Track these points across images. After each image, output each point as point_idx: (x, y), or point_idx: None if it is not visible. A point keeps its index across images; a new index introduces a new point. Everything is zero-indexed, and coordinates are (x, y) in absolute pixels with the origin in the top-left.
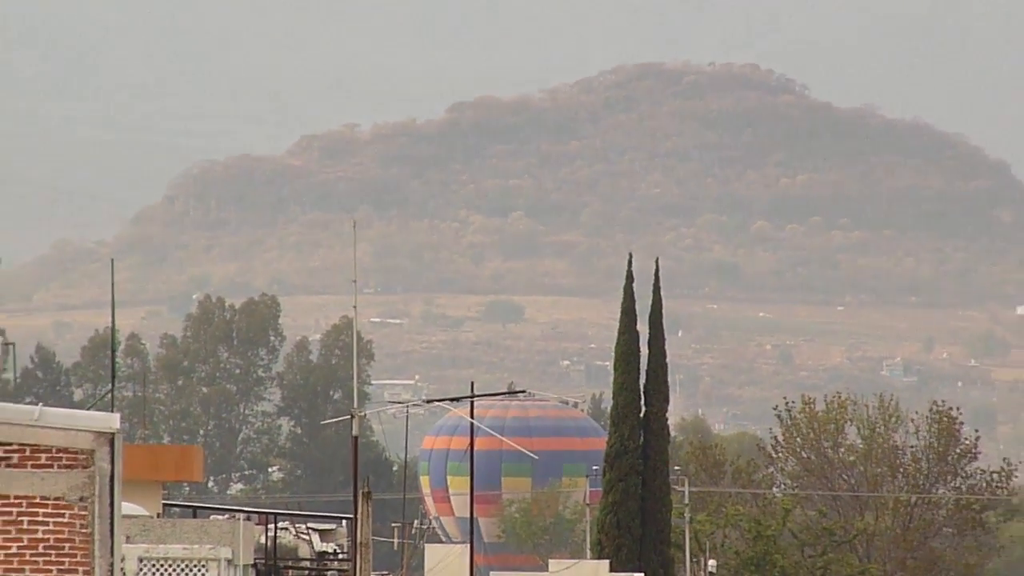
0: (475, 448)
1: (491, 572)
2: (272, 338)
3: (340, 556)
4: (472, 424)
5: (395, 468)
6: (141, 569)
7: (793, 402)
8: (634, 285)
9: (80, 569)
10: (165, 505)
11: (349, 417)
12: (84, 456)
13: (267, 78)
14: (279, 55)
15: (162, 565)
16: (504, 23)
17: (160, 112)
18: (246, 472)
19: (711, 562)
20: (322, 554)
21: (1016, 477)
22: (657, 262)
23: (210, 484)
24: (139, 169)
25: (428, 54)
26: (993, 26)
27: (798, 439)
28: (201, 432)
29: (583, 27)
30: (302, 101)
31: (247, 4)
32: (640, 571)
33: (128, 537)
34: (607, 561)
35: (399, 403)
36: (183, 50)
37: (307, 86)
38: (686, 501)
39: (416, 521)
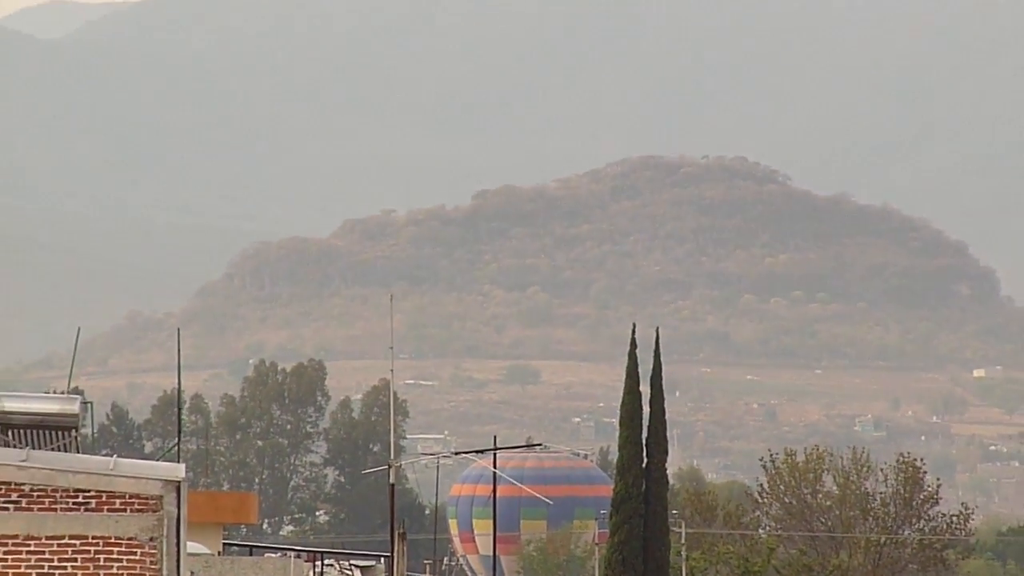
0: (497, 495)
1: None
2: (319, 398)
3: None
4: (495, 474)
5: (427, 512)
6: None
7: (777, 454)
8: (637, 351)
9: None
10: (225, 544)
11: (387, 467)
12: (154, 501)
13: (314, 169)
14: (325, 149)
15: None
16: (522, 121)
17: (221, 200)
18: (296, 515)
19: None
20: None
21: (973, 520)
22: (657, 331)
23: (264, 526)
24: (203, 249)
25: (456, 148)
26: (952, 122)
27: (781, 486)
28: (256, 480)
29: (592, 124)
30: (345, 189)
31: (295, 107)
32: None
33: (192, 573)
34: None
35: (430, 455)
36: (242, 146)
37: (349, 176)
38: (683, 541)
39: (445, 559)
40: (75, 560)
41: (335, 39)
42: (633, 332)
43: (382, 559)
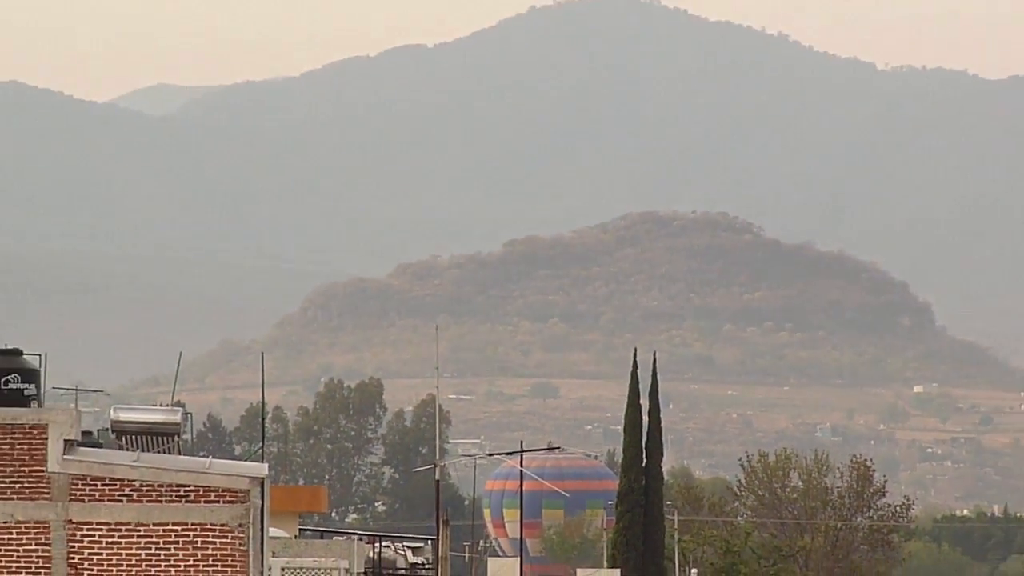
0: (523, 489)
1: None
2: (377, 409)
3: (426, 566)
4: (521, 471)
5: (466, 503)
6: (286, 574)
7: (752, 455)
8: (638, 371)
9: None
10: (300, 529)
11: (433, 466)
12: (242, 494)
13: (373, 222)
14: (383, 206)
15: (298, 574)
16: (544, 182)
17: (298, 247)
18: (359, 506)
19: (693, 571)
20: (413, 565)
21: (913, 509)
22: (654, 355)
23: (333, 515)
24: (282, 288)
25: (490, 204)
26: (895, 184)
27: (755, 482)
28: (326, 476)
29: (600, 185)
30: (398, 238)
31: (357, 171)
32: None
33: (273, 553)
34: (618, 570)
35: (468, 456)
36: (314, 203)
37: (402, 227)
38: (675, 527)
39: (480, 542)
40: (177, 543)
41: (390, 120)
42: (635, 356)
43: (429, 541)
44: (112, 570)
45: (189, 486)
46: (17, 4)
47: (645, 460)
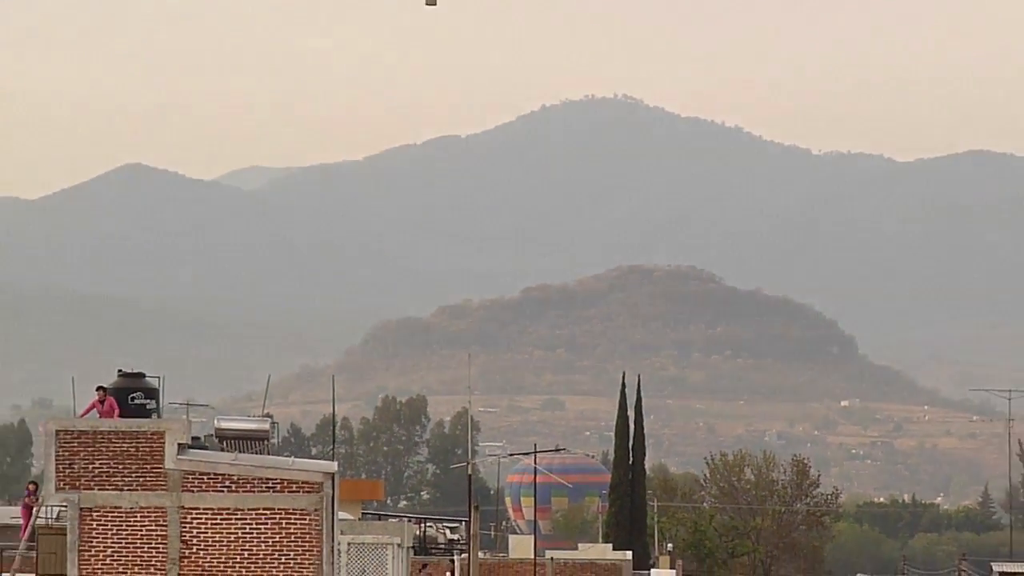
0: (536, 481)
1: (545, 551)
2: (423, 419)
3: (460, 542)
4: (535, 468)
5: (491, 492)
6: (349, 550)
7: (715, 455)
8: (626, 390)
9: (315, 550)
10: (363, 513)
11: (466, 464)
12: (317, 485)
13: (417, 274)
14: (426, 261)
15: (361, 548)
16: (553, 243)
17: (360, 292)
18: (408, 495)
19: (669, 545)
20: (451, 541)
21: (841, 497)
22: (638, 377)
23: (388, 501)
24: (349, 325)
25: (509, 258)
26: (826, 240)
27: (718, 476)
28: (383, 472)
29: (597, 243)
30: (439, 286)
31: (405, 235)
32: (630, 549)
33: (341, 532)
34: (611, 544)
35: (494, 455)
36: (369, 259)
37: (442, 277)
38: (655, 511)
39: (503, 522)
40: (266, 524)
41: (430, 194)
42: (623, 378)
43: (463, 523)
44: (215, 546)
45: (275, 479)
46: (137, 96)
47: (631, 459)
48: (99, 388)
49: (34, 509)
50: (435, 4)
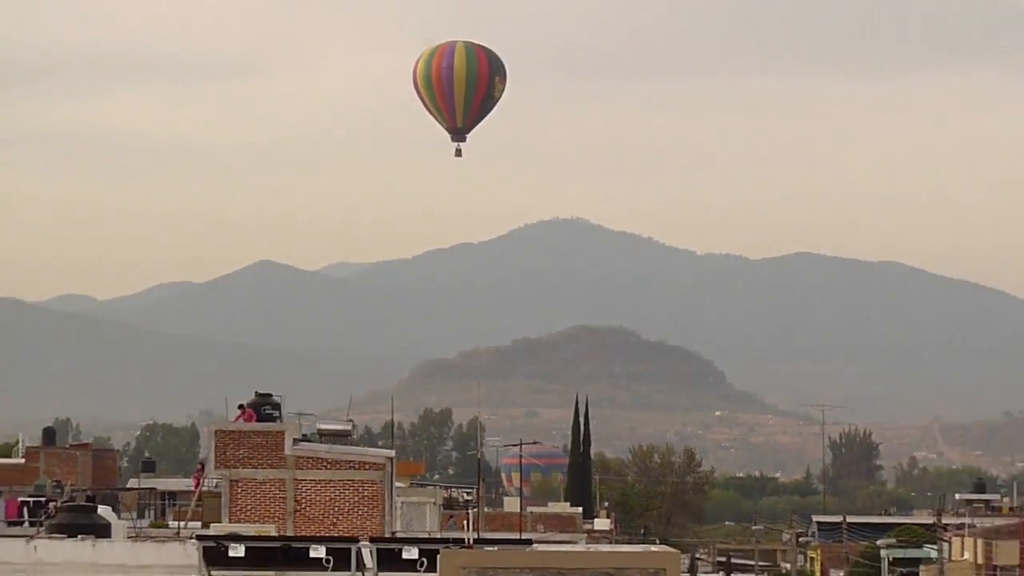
0: (521, 463)
1: (527, 507)
2: (449, 423)
3: (473, 502)
4: (520, 454)
5: (493, 470)
6: (402, 506)
7: (635, 447)
8: (578, 406)
9: (381, 506)
10: (411, 483)
11: (477, 451)
12: (382, 463)
13: (445, 332)
14: (448, 321)
15: (410, 505)
16: (533, 309)
17: (406, 342)
18: (440, 472)
19: (605, 503)
20: (466, 501)
21: (714, 474)
22: (587, 398)
23: (427, 476)
24: (401, 362)
25: (505, 321)
26: (711, 308)
27: (637, 459)
28: (424, 456)
29: (561, 309)
30: (459, 339)
31: (444, 302)
32: (581, 506)
33: (397, 495)
34: (568, 503)
35: (495, 446)
36: (414, 315)
37: (462, 335)
38: (597, 482)
39: (500, 489)
40: (350, 490)
41: (446, 284)
42: (576, 398)
43: (475, 489)
44: (317, 504)
45: (355, 461)
46: (257, 199)
47: (581, 449)
48: (240, 405)
49: (201, 480)
50: (461, 156)
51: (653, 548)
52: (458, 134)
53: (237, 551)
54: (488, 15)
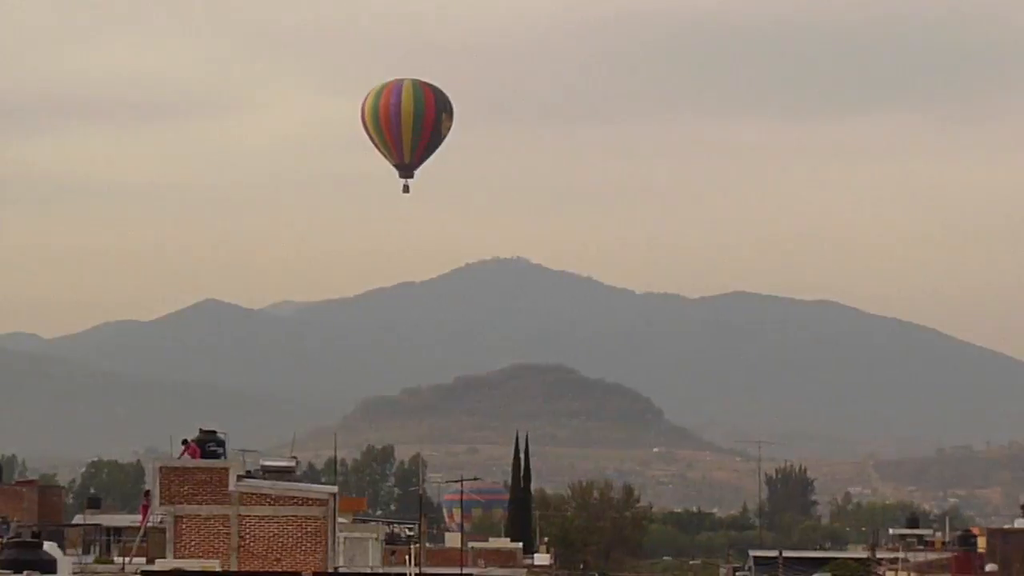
0: (463, 499)
1: (468, 543)
2: (392, 460)
3: (415, 538)
4: (462, 490)
5: (435, 505)
6: (345, 542)
7: (575, 482)
8: (519, 443)
9: (324, 541)
10: (354, 518)
11: (419, 488)
12: (325, 501)
13: (388, 370)
14: (390, 362)
15: (352, 540)
16: (477, 349)
17: (350, 379)
18: (382, 508)
19: (545, 538)
20: (408, 536)
21: (653, 509)
22: (527, 434)
23: (369, 511)
24: (345, 400)
25: (446, 358)
26: (648, 346)
27: (577, 494)
28: (366, 493)
29: (504, 349)
30: (401, 377)
31: (384, 352)
32: (521, 541)
33: (340, 530)
34: (509, 538)
35: (437, 482)
36: (359, 355)
37: (404, 373)
38: (537, 517)
39: (441, 525)
40: (293, 525)
41: (393, 322)
42: (517, 435)
43: (416, 525)
44: (261, 539)
45: (299, 497)
46: (203, 241)
47: (522, 485)
48: (184, 440)
49: (149, 510)
50: (409, 192)
51: None
52: (406, 170)
53: None
54: (434, 55)
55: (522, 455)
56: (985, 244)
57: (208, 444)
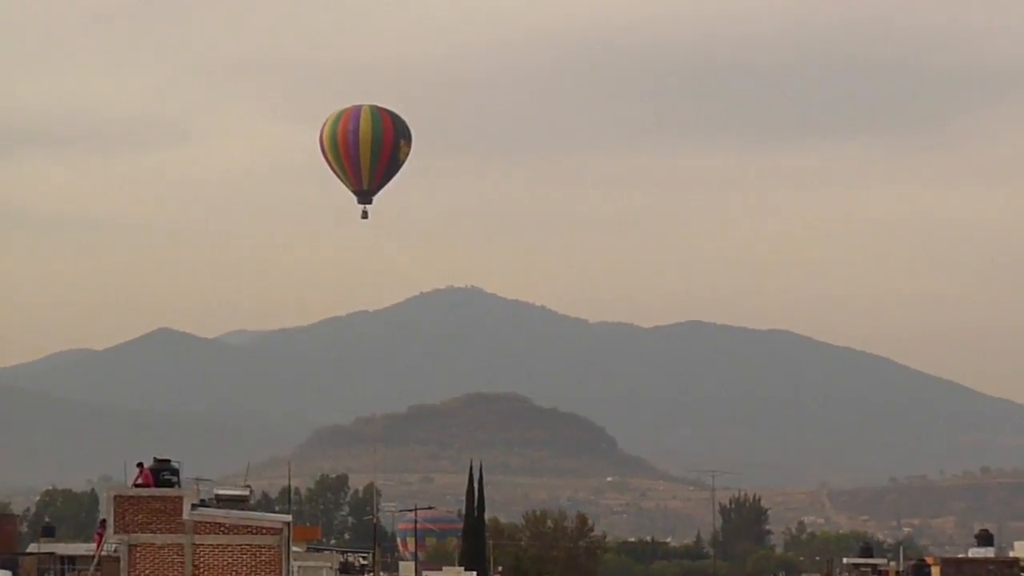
0: (416, 528)
1: (423, 571)
2: (346, 488)
3: (368, 567)
4: (415, 519)
5: (389, 534)
6: (299, 571)
7: (529, 511)
8: (472, 471)
9: (278, 570)
10: (308, 548)
11: (373, 517)
12: (279, 529)
13: (346, 400)
14: (350, 389)
15: (306, 569)
16: (428, 377)
17: (304, 407)
18: (336, 536)
19: (499, 568)
20: (363, 565)
21: (606, 538)
22: (480, 464)
23: (323, 540)
24: (299, 429)
25: (400, 388)
26: (605, 377)
27: (531, 523)
28: (320, 522)
29: (457, 378)
30: (358, 407)
31: (338, 379)
32: (475, 570)
33: (294, 559)
34: (463, 567)
35: (391, 511)
36: (311, 385)
37: (362, 403)
38: (491, 546)
39: (395, 554)
40: (247, 554)
41: (350, 345)
42: (471, 464)
43: (370, 553)
44: (215, 568)
45: (253, 526)
46: (161, 266)
47: (476, 514)
48: (139, 464)
49: (104, 537)
50: (368, 218)
51: None
52: (364, 196)
53: None
54: (388, 83)
55: (476, 484)
56: (941, 273)
57: (162, 473)
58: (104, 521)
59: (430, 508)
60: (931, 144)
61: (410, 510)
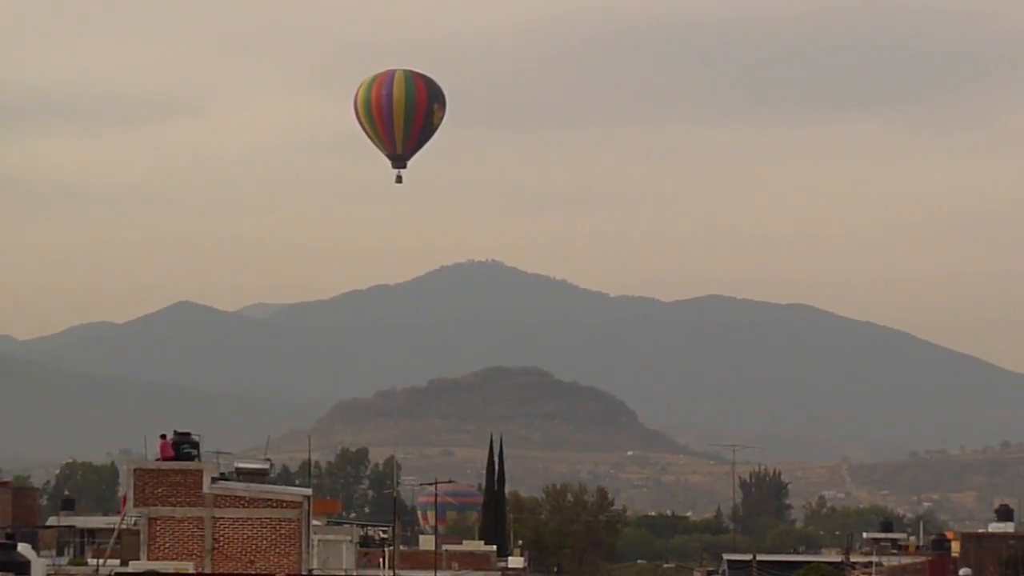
0: (437, 501)
1: (443, 545)
2: (366, 462)
3: (389, 541)
4: (436, 492)
5: (409, 508)
6: (319, 544)
7: (549, 485)
8: (493, 445)
9: (298, 544)
10: (328, 521)
11: (393, 490)
12: (299, 503)
13: (366, 375)
14: (370, 364)
15: (326, 543)
16: (449, 351)
17: (325, 382)
18: (356, 510)
19: (519, 541)
20: (383, 539)
21: (627, 512)
22: (500, 438)
23: (343, 514)
24: (319, 403)
25: (420, 361)
26: (624, 349)
27: (551, 497)
28: (341, 495)
29: (476, 351)
30: (375, 377)
31: (362, 350)
32: (495, 544)
33: (314, 532)
34: (483, 541)
35: (411, 484)
36: (333, 359)
37: (382, 375)
38: (511, 520)
39: (415, 527)
40: (267, 527)
41: (369, 321)
42: (491, 438)
43: (390, 527)
44: (234, 541)
45: (273, 499)
46: (178, 243)
47: (496, 488)
48: (162, 435)
49: (120, 518)
50: (402, 182)
51: None
52: (398, 161)
53: None
54: (413, 55)
55: (496, 458)
56: (961, 248)
57: (182, 446)
58: (125, 495)
59: (450, 482)
60: (956, 118)
61: (430, 484)
